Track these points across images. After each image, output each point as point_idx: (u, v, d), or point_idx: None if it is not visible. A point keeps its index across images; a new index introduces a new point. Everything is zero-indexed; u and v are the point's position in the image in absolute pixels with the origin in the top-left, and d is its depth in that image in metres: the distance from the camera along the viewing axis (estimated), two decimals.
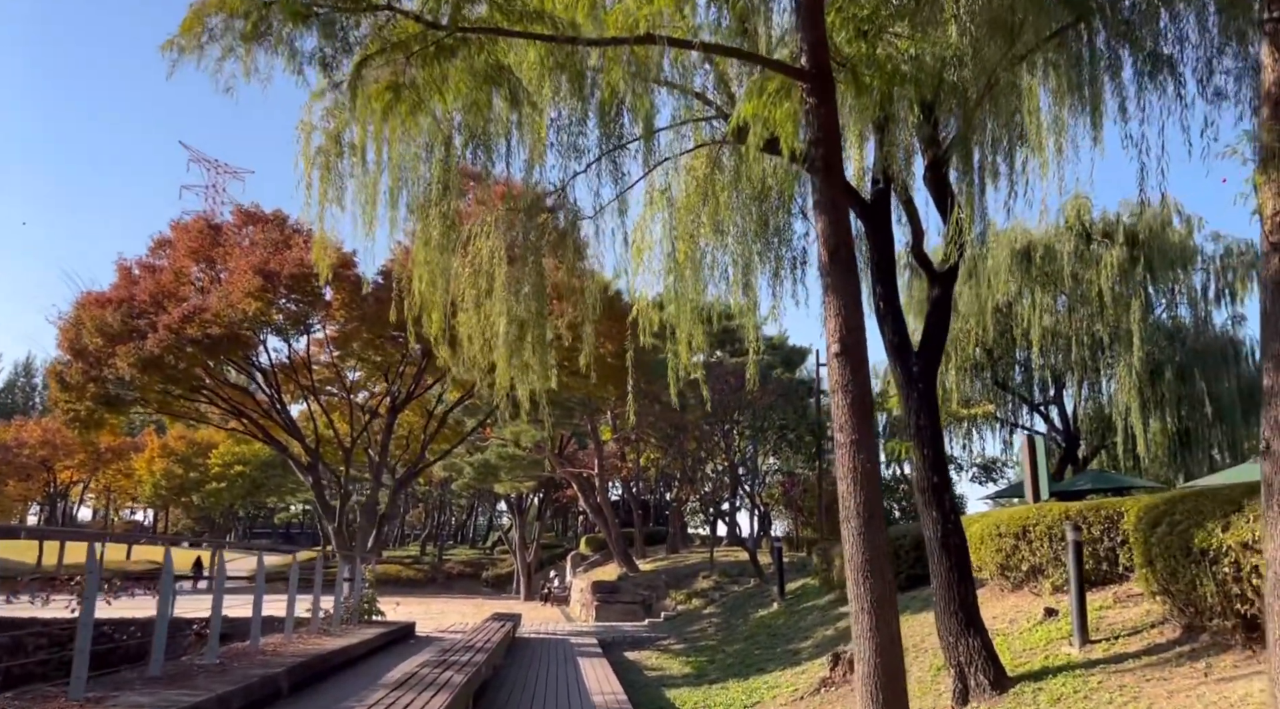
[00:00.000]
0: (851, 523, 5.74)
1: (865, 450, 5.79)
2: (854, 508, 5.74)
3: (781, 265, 13.22)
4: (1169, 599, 8.92)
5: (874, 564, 5.67)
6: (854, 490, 5.73)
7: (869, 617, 5.65)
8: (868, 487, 5.74)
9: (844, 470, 5.79)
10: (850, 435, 5.79)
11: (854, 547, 5.71)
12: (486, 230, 10.19)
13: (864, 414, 5.87)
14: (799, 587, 20.63)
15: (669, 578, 28.10)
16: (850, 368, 5.89)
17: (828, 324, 6.04)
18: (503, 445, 31.02)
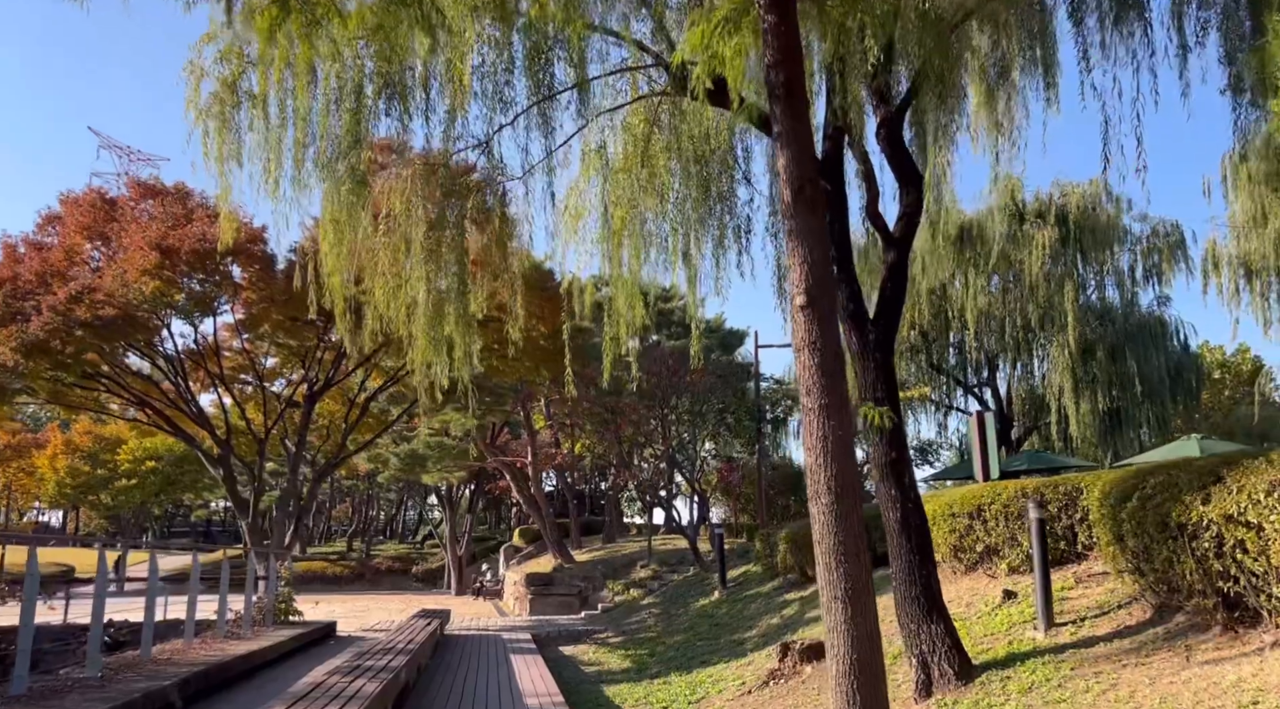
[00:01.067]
0: (821, 500, 4.98)
1: (837, 416, 5.03)
2: (824, 483, 4.98)
3: (725, 233, 12.48)
4: (1140, 578, 8.39)
5: (848, 548, 4.93)
6: (824, 463, 4.97)
7: (844, 607, 4.90)
8: (840, 458, 5.00)
9: (812, 440, 5.03)
10: (819, 399, 5.03)
11: (825, 528, 4.96)
12: (403, 187, 9.18)
13: (834, 375, 5.12)
14: (740, 574, 20.00)
15: (606, 568, 27.30)
16: (818, 322, 5.12)
17: (792, 274, 5.27)
18: (432, 434, 29.83)
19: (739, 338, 32.43)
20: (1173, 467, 8.36)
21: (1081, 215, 30.01)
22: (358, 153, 8.85)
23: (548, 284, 20.77)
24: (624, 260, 11.79)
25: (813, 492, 5.05)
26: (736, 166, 12.39)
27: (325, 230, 8.72)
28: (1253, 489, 6.75)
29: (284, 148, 9.66)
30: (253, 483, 20.78)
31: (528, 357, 20.47)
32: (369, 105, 9.39)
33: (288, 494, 21.69)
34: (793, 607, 14.75)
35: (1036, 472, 23.67)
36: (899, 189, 9.67)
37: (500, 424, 37.25)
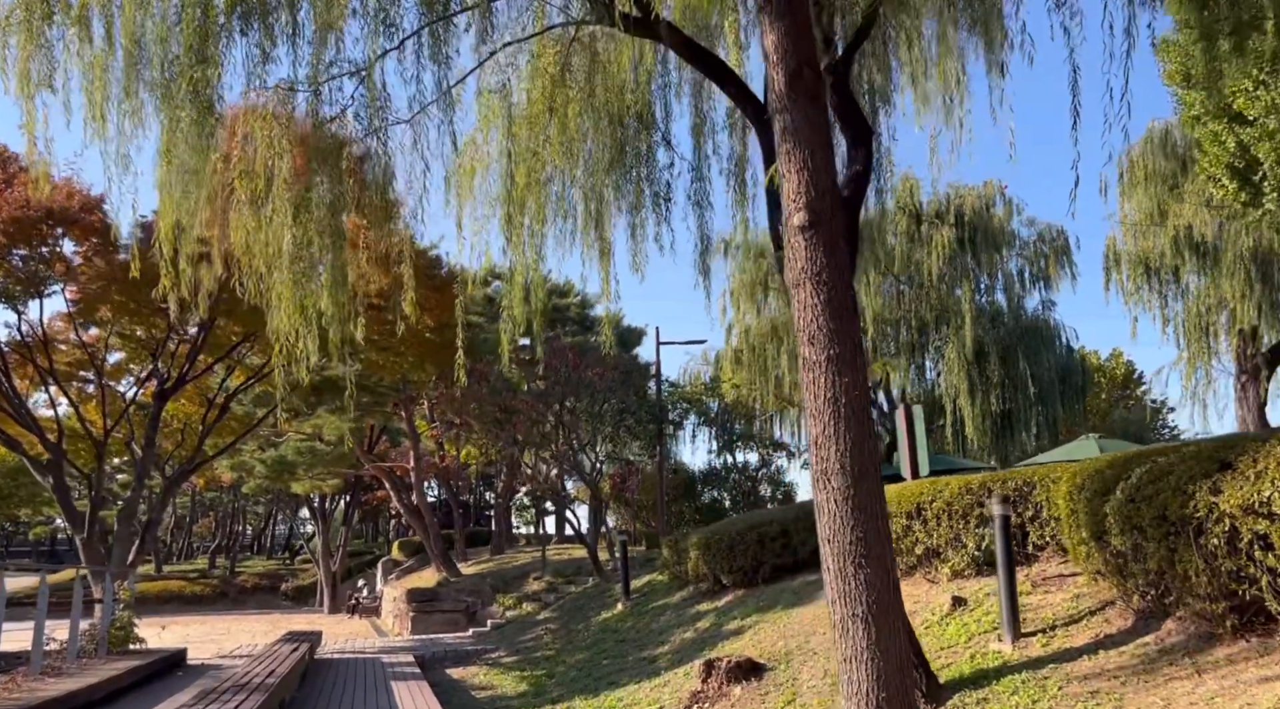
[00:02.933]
0: (832, 483, 3.72)
1: (850, 371, 3.78)
2: (835, 460, 3.72)
3: (642, 200, 11.17)
4: (1123, 581, 7.41)
5: (871, 547, 3.68)
6: (836, 433, 3.71)
7: (866, 629, 3.64)
8: (856, 425, 3.75)
9: (818, 403, 3.76)
10: (826, 348, 3.76)
11: (838, 521, 3.70)
12: (262, 117, 7.45)
13: (844, 317, 3.86)
14: (644, 584, 18.65)
15: (495, 581, 25.51)
16: (824, 248, 3.86)
17: (786, 186, 4.01)
18: (303, 439, 27.44)
19: (637, 336, 31.27)
20: (1158, 453, 7.44)
21: (976, 217, 30.06)
22: (203, 70, 7.12)
23: (435, 271, 18.99)
24: (527, 224, 10.32)
25: (819, 472, 3.79)
26: (656, 126, 11.10)
27: (161, 164, 6.95)
28: (1277, 476, 5.79)
29: (112, 72, 7.82)
30: (90, 493, 18.23)
31: (411, 350, 18.65)
32: (219, 21, 7.68)
33: (131, 504, 19.19)
34: (707, 619, 13.47)
35: (936, 473, 23.22)
36: (847, 147, 8.52)
37: (380, 429, 34.90)
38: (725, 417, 35.52)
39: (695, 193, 10.84)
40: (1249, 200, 15.89)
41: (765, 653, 10.50)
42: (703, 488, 35.96)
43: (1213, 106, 15.76)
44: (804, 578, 13.06)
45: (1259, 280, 19.57)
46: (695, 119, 10.83)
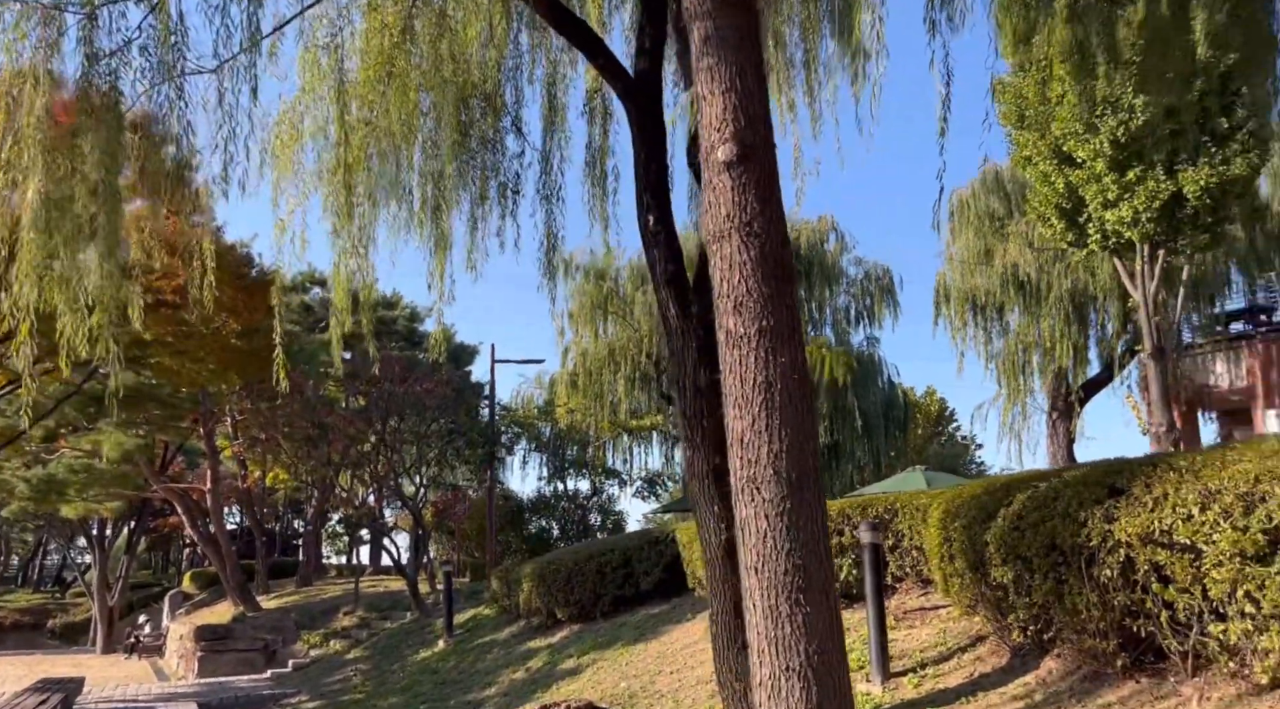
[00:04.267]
0: (763, 492, 2.86)
1: (788, 349, 2.93)
2: (768, 462, 2.86)
3: (486, 190, 10.10)
4: (1001, 616, 6.89)
5: (811, 577, 2.84)
6: (768, 427, 2.85)
7: (805, 690, 2.75)
8: (795, 418, 2.91)
9: (745, 389, 2.90)
10: (758, 319, 2.89)
11: (770, 543, 2.83)
12: None
13: (781, 278, 3.02)
14: (469, 619, 17.25)
15: (301, 616, 23.27)
16: (756, 190, 3.01)
17: (707, 111, 3.15)
18: (79, 457, 24.27)
19: (470, 354, 29.78)
20: (1037, 478, 7.01)
21: (811, 251, 30.56)
22: None
23: (244, 271, 17.06)
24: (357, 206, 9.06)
25: (745, 479, 2.91)
26: (506, 110, 10.07)
27: None
28: (1181, 502, 5.35)
29: None
30: None
31: (213, 357, 16.62)
32: None
33: None
34: (540, 657, 12.32)
35: None
36: None
37: (176, 447, 31.66)
38: (558, 442, 34.46)
39: (545, 185, 9.86)
40: (1075, 240, 16.47)
41: (606, 695, 9.50)
42: (531, 516, 34.68)
43: (1044, 148, 16.27)
44: (647, 611, 12.18)
45: (1076, 321, 20.49)
46: (548, 106, 9.87)
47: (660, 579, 12.30)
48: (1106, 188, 15.22)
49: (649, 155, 7.11)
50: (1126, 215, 15.08)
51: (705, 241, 3.35)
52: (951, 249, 23.48)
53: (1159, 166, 14.79)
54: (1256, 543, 4.87)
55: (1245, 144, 14.60)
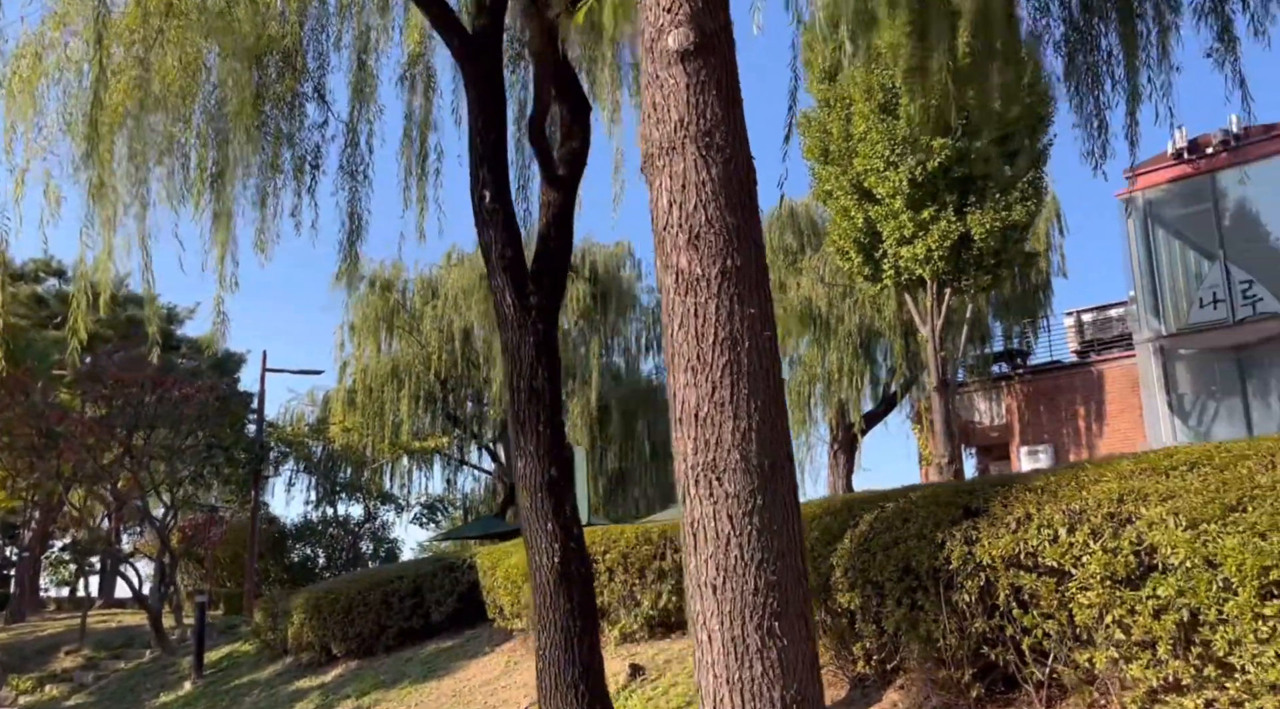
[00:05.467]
0: (725, 484, 2.14)
1: (757, 297, 2.22)
2: (733, 443, 2.13)
3: (280, 161, 8.89)
4: (842, 643, 6.51)
5: (788, 598, 2.16)
6: (733, 397, 2.14)
7: None
8: (765, 388, 2.23)
9: (703, 348, 2.18)
10: (721, 257, 2.14)
11: (735, 551, 2.14)
12: None
13: (748, 210, 2.32)
14: (224, 657, 15.23)
15: (9, 657, 19.92)
16: (718, 91, 2.29)
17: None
18: None
19: (238, 361, 27.06)
20: (883, 498, 6.71)
21: (608, 276, 30.35)
22: None
23: None
24: (117, 168, 7.69)
25: (701, 466, 2.19)
26: (308, 74, 8.94)
27: None
28: (1046, 522, 5.13)
29: None
30: None
31: None
32: None
33: None
34: (310, 699, 10.90)
35: None
36: (565, 118, 7.06)
37: None
38: (330, 463, 32.09)
39: (351, 161, 8.77)
40: (871, 274, 17.00)
41: None
42: (294, 543, 31.98)
43: (846, 183, 16.72)
44: (438, 644, 11.06)
45: (863, 355, 21.28)
46: (358, 72, 8.79)
47: (455, 609, 11.23)
48: (903, 225, 15.78)
49: (487, 122, 6.28)
50: (920, 252, 15.69)
51: (645, 158, 2.64)
52: None
53: (950, 207, 15.51)
54: (1128, 565, 4.67)
55: (1025, 192, 15.60)
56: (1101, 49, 7.75)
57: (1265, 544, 4.24)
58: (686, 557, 2.51)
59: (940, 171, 15.36)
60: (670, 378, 2.56)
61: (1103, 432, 20.44)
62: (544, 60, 6.45)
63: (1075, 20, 7.82)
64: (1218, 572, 4.37)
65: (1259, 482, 4.54)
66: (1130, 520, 4.84)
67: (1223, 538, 4.39)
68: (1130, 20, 7.65)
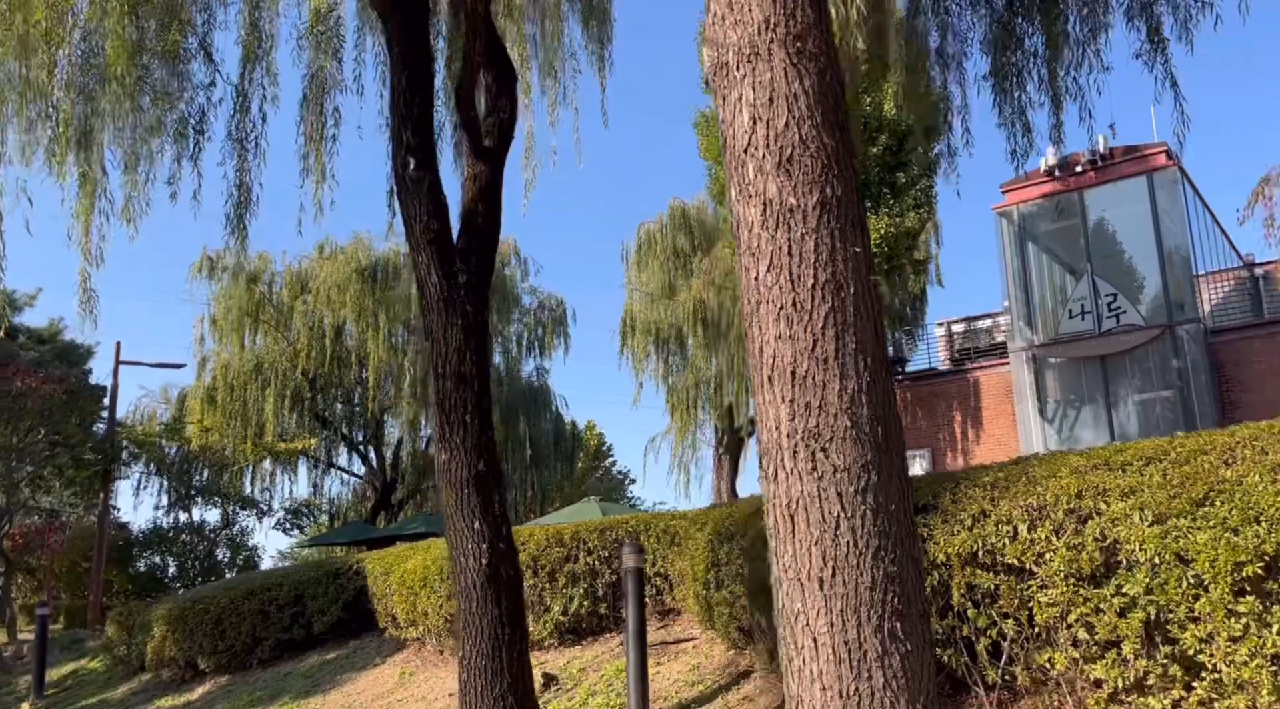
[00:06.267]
0: (831, 456, 1.69)
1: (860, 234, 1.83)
2: (841, 405, 1.67)
3: (159, 125, 8.07)
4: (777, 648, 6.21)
5: (910, 596, 1.75)
6: (839, 350, 1.70)
7: None
8: (875, 342, 1.83)
9: (796, 291, 1.75)
10: (821, 185, 1.72)
11: (842, 533, 1.71)
12: None
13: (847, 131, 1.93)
14: (68, 675, 13.79)
15: None
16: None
17: None
18: None
19: (85, 352, 24.86)
20: None
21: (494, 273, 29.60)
22: None
23: None
24: None
25: (798, 434, 1.76)
26: (193, 29, 8.11)
27: None
28: (1004, 518, 4.97)
29: None
30: None
31: None
32: None
33: None
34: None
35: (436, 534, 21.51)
36: (492, 87, 6.55)
37: None
38: (186, 466, 30.06)
39: (240, 127, 7.99)
40: None
41: None
42: (140, 552, 29.74)
43: None
44: (321, 656, 10.26)
45: None
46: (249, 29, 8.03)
47: (339, 619, 10.44)
48: None
49: (411, 84, 5.71)
50: None
51: (717, 68, 2.21)
52: (642, 278, 23.59)
53: None
54: (1093, 562, 4.53)
55: (917, 199, 15.90)
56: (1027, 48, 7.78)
57: (1238, 539, 4.15)
58: (779, 545, 2.09)
59: None
60: (753, 329, 2.14)
61: (979, 437, 21.11)
62: (474, 19, 5.93)
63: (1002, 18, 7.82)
64: (1189, 568, 4.26)
65: (1223, 476, 4.47)
66: (1092, 516, 4.72)
67: (1193, 533, 4.28)
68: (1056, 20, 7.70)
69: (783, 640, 2.10)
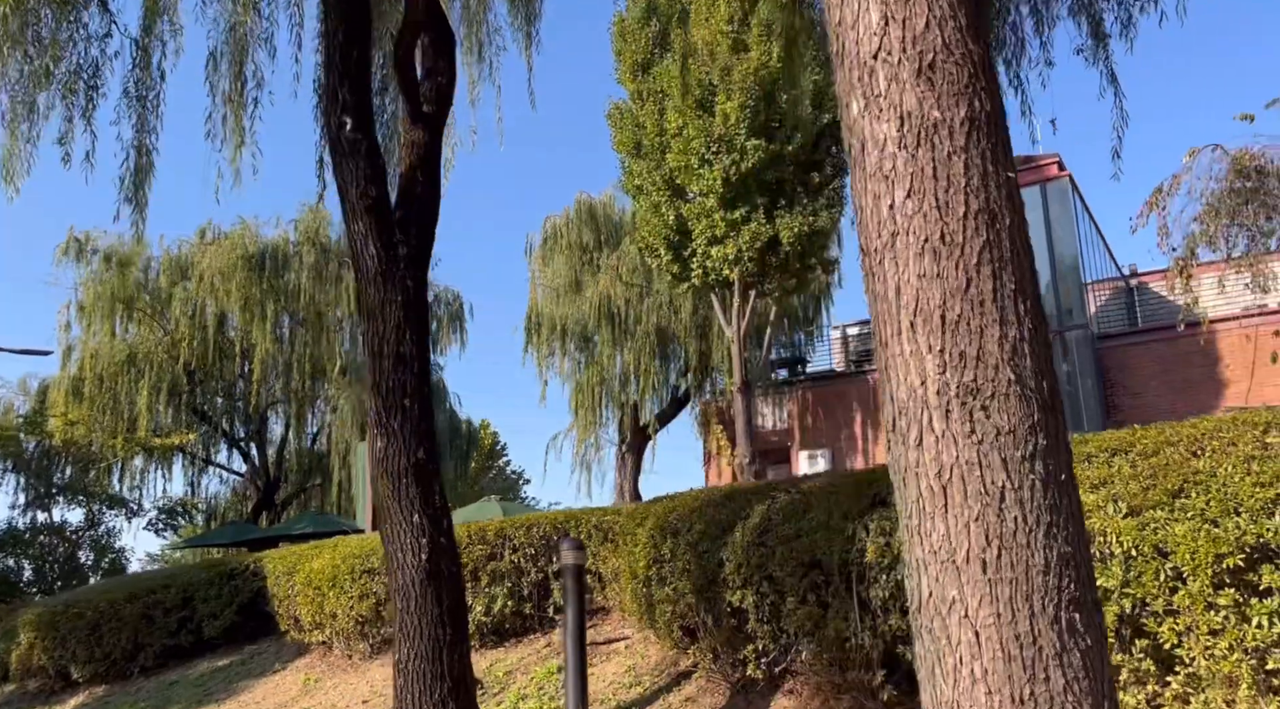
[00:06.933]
0: (992, 414, 1.39)
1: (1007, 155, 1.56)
2: (1002, 354, 1.39)
3: (50, 77, 7.38)
4: (730, 647, 5.96)
5: (1082, 573, 1.46)
6: (996, 291, 1.44)
7: None
8: (1031, 278, 1.56)
9: (944, 220, 1.45)
10: (968, 98, 1.35)
11: (1007, 506, 1.42)
12: None
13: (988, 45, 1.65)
14: None
15: None
16: None
17: None
18: None
19: None
20: (773, 488, 6.25)
21: None
22: None
23: None
24: None
25: (952, 386, 1.45)
26: None
27: None
28: None
29: None
30: None
31: None
32: None
33: None
34: None
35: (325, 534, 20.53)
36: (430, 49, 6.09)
37: None
38: (47, 461, 28.01)
39: (141, 85, 7.30)
40: (679, 273, 16.81)
41: None
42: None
43: (659, 178, 16.45)
44: (211, 663, 9.51)
45: (659, 355, 21.15)
46: None
47: (233, 622, 9.69)
48: (715, 224, 15.68)
49: (349, 35, 5.22)
50: (730, 253, 15.64)
51: None
52: (547, 274, 23.10)
53: (761, 210, 15.59)
54: None
55: (831, 199, 15.98)
56: None
57: (1218, 531, 4.09)
58: (924, 522, 1.77)
59: (753, 173, 15.40)
60: (884, 267, 1.82)
61: (878, 438, 21.49)
62: None
63: None
64: (1167, 560, 4.19)
65: (1196, 467, 4.42)
66: None
67: (1171, 525, 4.21)
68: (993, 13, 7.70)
69: (922, 636, 1.79)
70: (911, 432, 1.75)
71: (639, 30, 17.33)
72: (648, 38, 17.26)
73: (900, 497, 1.83)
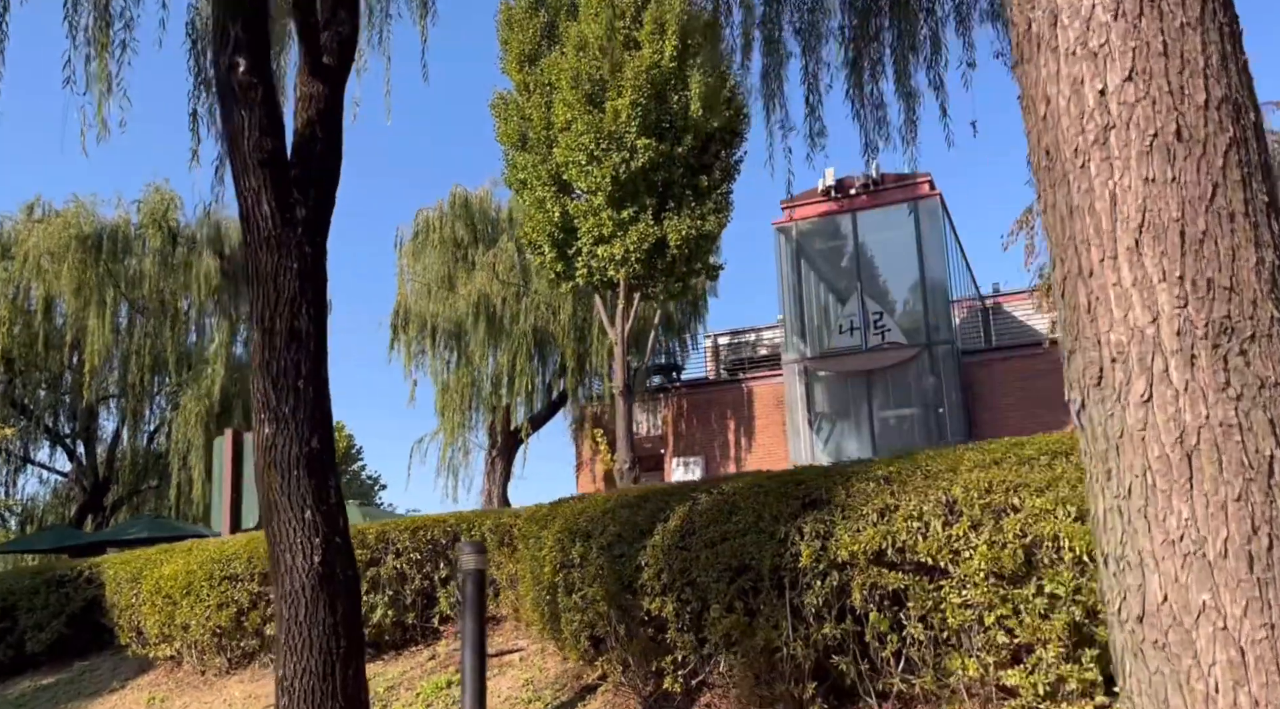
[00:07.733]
0: (1253, 358, 0.94)
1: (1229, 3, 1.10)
2: (1258, 285, 1.05)
3: None
4: (644, 659, 5.54)
5: None
6: (1249, 199, 1.08)
7: None
8: (1275, 191, 1.19)
9: (1177, 110, 1.10)
10: None
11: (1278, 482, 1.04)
12: None
13: None
14: None
15: None
16: None
17: None
18: None
19: None
20: (693, 488, 5.87)
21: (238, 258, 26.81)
22: None
23: None
24: None
25: (1181, 328, 1.07)
26: None
27: None
28: (915, 514, 4.61)
29: None
30: None
31: None
32: None
33: None
34: None
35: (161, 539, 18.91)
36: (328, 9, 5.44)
37: None
38: None
39: None
40: (563, 271, 16.35)
41: None
42: None
43: (544, 173, 15.96)
44: (34, 681, 8.41)
45: (537, 357, 20.58)
46: None
47: (61, 635, 8.56)
48: (602, 222, 15.32)
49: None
50: (617, 253, 15.31)
51: None
52: (418, 269, 22.13)
53: (649, 211, 15.33)
54: (1016, 560, 4.25)
55: (718, 204, 15.89)
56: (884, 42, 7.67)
57: None
58: (1157, 503, 1.36)
59: (642, 173, 15.13)
60: (1087, 168, 1.38)
61: (750, 446, 21.58)
62: None
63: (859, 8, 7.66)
64: None
65: None
66: (1007, 511, 4.44)
67: None
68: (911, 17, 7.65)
69: (1145, 653, 1.38)
70: (1136, 384, 1.37)
71: (527, 20, 16.82)
72: (536, 28, 16.77)
73: (1111, 470, 1.45)
